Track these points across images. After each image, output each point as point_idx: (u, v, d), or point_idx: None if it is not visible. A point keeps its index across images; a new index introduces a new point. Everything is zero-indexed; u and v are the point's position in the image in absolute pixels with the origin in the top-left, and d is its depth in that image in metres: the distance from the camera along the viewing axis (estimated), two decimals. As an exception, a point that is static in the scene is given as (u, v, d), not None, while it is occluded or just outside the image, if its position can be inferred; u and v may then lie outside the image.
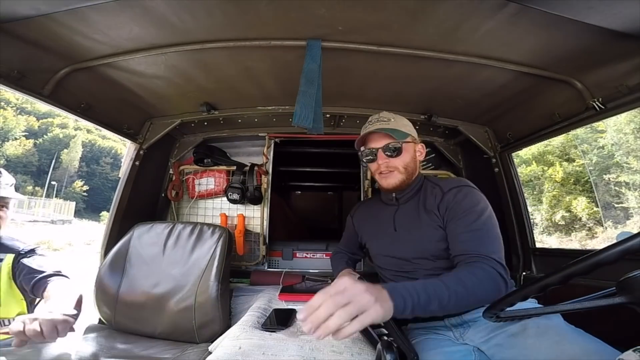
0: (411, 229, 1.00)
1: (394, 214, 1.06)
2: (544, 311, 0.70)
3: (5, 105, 32.93)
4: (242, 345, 0.89)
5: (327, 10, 0.87)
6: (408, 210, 1.04)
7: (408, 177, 1.02)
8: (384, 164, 1.01)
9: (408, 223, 1.02)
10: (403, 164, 1.01)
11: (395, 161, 1.00)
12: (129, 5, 0.85)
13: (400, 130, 1.01)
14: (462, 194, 0.93)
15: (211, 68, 1.20)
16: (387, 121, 1.02)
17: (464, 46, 1.00)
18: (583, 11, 0.76)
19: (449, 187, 0.97)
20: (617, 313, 0.55)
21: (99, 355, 1.04)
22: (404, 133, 1.01)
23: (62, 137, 37.24)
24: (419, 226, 0.98)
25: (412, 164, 1.03)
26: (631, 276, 0.48)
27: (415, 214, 1.01)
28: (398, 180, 1.01)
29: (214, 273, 1.25)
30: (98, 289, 1.30)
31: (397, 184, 1.01)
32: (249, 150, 1.89)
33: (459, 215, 0.90)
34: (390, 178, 1.01)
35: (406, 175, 1.02)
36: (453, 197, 0.93)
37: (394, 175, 1.01)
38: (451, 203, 0.93)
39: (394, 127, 1.01)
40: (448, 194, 0.95)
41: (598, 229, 13.46)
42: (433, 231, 0.95)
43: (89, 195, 35.69)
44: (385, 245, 1.07)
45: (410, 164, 1.02)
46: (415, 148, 1.05)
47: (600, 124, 13.11)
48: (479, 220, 0.87)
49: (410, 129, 1.05)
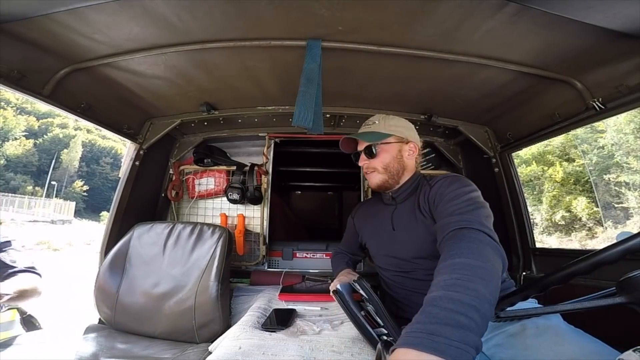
0: (408, 229, 1.01)
1: (392, 213, 1.07)
2: (544, 311, 0.70)
3: (5, 105, 32.94)
4: (242, 345, 0.89)
5: (327, 10, 0.86)
6: (405, 209, 1.04)
7: (391, 177, 1.04)
8: (364, 164, 1.06)
9: (405, 222, 1.02)
10: (382, 165, 1.03)
11: (373, 162, 1.04)
12: (129, 5, 0.85)
13: (379, 132, 1.03)
14: (447, 181, 0.92)
15: (211, 68, 1.20)
16: (371, 124, 1.06)
17: (464, 46, 1.00)
18: (583, 11, 0.76)
19: (436, 180, 0.97)
20: (617, 313, 0.55)
21: (99, 355, 1.04)
22: (382, 134, 1.02)
23: (62, 137, 37.25)
24: (415, 226, 0.98)
25: (395, 164, 1.03)
26: (631, 276, 0.48)
27: (411, 213, 1.01)
28: (379, 179, 1.04)
29: (214, 273, 1.25)
30: (98, 289, 1.30)
31: (379, 183, 1.05)
32: (249, 150, 1.88)
33: (444, 200, 0.85)
34: (372, 178, 1.06)
35: (388, 175, 1.03)
36: (439, 187, 0.92)
37: (374, 175, 1.05)
38: (437, 193, 0.91)
39: (374, 129, 1.04)
40: (435, 186, 0.95)
41: (598, 229, 13.45)
42: (428, 229, 0.93)
43: (89, 195, 35.70)
44: (384, 245, 1.08)
45: (391, 163, 1.03)
46: (400, 148, 1.04)
47: (600, 124, 13.11)
48: (464, 199, 0.81)
49: (398, 129, 1.04)
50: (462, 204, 0.80)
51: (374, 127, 1.05)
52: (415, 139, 1.07)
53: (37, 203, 24.55)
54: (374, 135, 1.03)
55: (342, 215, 3.44)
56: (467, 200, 0.81)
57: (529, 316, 0.76)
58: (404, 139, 1.05)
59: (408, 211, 1.03)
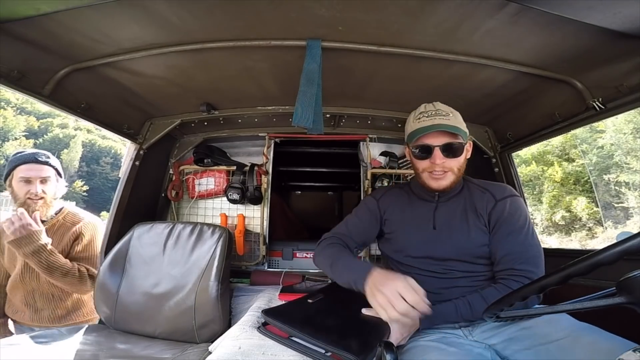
0: (453, 229, 0.96)
1: (434, 211, 1.00)
2: (544, 311, 0.70)
3: (5, 105, 32.93)
4: (242, 345, 0.89)
5: (327, 10, 0.86)
6: (450, 209, 0.99)
7: (457, 179, 0.97)
8: (440, 164, 0.92)
9: (450, 223, 0.97)
10: (458, 165, 0.95)
11: (452, 162, 0.93)
12: (129, 5, 0.84)
13: (461, 129, 0.94)
14: (513, 206, 0.94)
15: (211, 68, 1.20)
16: (446, 115, 0.93)
17: (464, 46, 1.00)
18: (583, 11, 0.76)
19: (501, 195, 0.96)
20: (617, 313, 0.55)
21: (99, 355, 1.04)
22: (464, 132, 0.95)
23: (62, 137, 37.25)
24: (463, 228, 0.95)
25: (464, 165, 0.98)
26: (631, 276, 0.48)
27: (460, 215, 0.97)
28: (450, 182, 0.95)
29: (214, 273, 1.25)
30: (98, 289, 1.30)
31: (448, 185, 0.95)
32: (249, 150, 1.88)
33: (509, 228, 0.91)
34: (443, 180, 0.94)
35: (457, 177, 0.96)
36: (504, 207, 0.93)
37: (448, 177, 0.94)
38: (503, 213, 0.93)
39: (455, 124, 0.93)
40: (500, 203, 0.94)
41: (598, 228, 13.47)
42: (480, 234, 0.93)
43: (89, 195, 35.67)
44: (419, 243, 0.99)
45: (463, 165, 0.97)
46: (467, 147, 0.99)
47: (600, 124, 13.12)
48: (526, 234, 0.90)
49: (464, 125, 0.98)
50: (529, 250, 0.89)
51: (453, 121, 0.93)
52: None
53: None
54: (459, 130, 0.93)
55: (342, 215, 3.43)
56: (528, 237, 0.90)
57: (529, 316, 0.76)
58: (469, 137, 1.00)
59: (454, 212, 0.98)
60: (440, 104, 0.97)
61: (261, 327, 0.91)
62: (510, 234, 0.90)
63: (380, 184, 1.69)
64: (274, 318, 0.87)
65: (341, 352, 0.73)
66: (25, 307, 1.39)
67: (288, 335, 0.84)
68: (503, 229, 0.92)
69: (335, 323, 0.85)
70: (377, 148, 1.78)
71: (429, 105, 0.97)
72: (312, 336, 0.79)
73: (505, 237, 0.91)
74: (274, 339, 0.86)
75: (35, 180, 1.34)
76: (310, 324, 0.84)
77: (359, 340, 0.76)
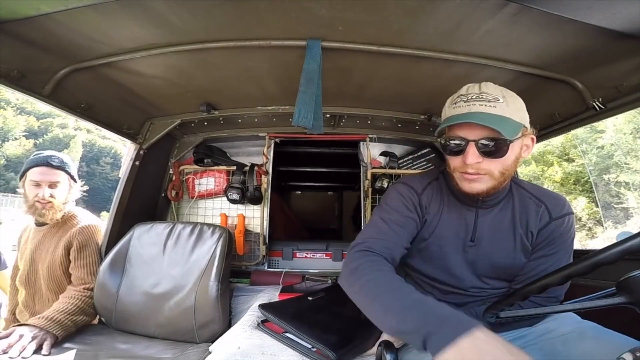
0: (495, 247, 0.80)
1: (475, 220, 0.81)
2: (544, 311, 0.70)
3: (5, 105, 32.93)
4: (241, 345, 0.89)
5: (327, 10, 0.86)
6: (496, 220, 0.81)
7: (500, 184, 0.74)
8: (474, 165, 0.70)
9: (493, 237, 0.81)
10: (501, 168, 0.71)
11: (491, 163, 0.70)
12: (129, 5, 0.84)
13: (511, 120, 0.69)
14: (567, 225, 0.79)
15: (211, 68, 1.20)
16: (492, 101, 0.69)
17: (464, 46, 1.00)
18: (583, 11, 0.76)
19: (558, 213, 0.79)
20: (618, 313, 0.55)
21: (99, 355, 1.04)
22: (515, 124, 0.70)
23: (62, 137, 37.21)
24: (509, 246, 0.80)
25: (513, 167, 0.74)
26: (631, 276, 0.48)
27: (506, 229, 0.81)
28: (486, 187, 0.72)
29: (214, 273, 1.25)
30: (98, 289, 1.30)
31: (484, 190, 0.73)
32: (249, 150, 1.88)
33: (555, 248, 0.79)
34: (477, 183, 0.72)
35: (499, 182, 0.73)
36: (559, 227, 0.79)
37: (484, 180, 0.72)
38: (554, 233, 0.79)
39: (502, 113, 0.69)
40: (556, 222, 0.79)
41: (598, 229, 13.46)
42: (525, 255, 0.80)
43: (89, 195, 35.39)
44: (452, 258, 0.83)
45: (510, 167, 0.73)
46: (522, 143, 0.74)
47: (600, 124, 13.11)
48: (569, 255, 0.80)
49: (522, 114, 0.73)
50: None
51: (501, 110, 0.69)
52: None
53: (37, 203, 24.50)
54: (506, 123, 0.68)
55: (342, 215, 3.44)
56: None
57: (530, 316, 0.76)
58: (527, 131, 0.74)
59: (499, 222, 0.81)
60: (489, 85, 0.73)
61: (260, 324, 0.92)
62: (555, 254, 0.79)
63: (380, 184, 1.69)
64: (269, 312, 0.89)
65: (320, 346, 0.78)
66: (25, 308, 1.39)
67: (283, 331, 0.85)
68: (548, 248, 0.80)
69: (324, 319, 0.88)
70: (377, 148, 1.78)
71: (474, 86, 0.74)
72: (297, 329, 0.82)
73: (547, 255, 0.80)
74: (271, 335, 0.87)
75: (44, 184, 1.33)
76: (299, 318, 0.87)
77: (340, 336, 0.80)
